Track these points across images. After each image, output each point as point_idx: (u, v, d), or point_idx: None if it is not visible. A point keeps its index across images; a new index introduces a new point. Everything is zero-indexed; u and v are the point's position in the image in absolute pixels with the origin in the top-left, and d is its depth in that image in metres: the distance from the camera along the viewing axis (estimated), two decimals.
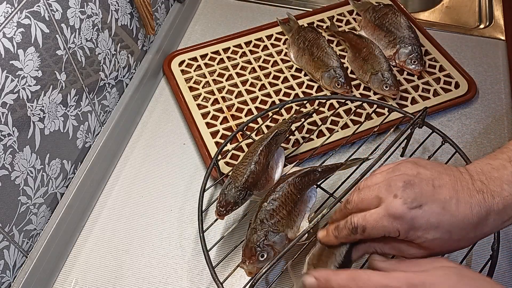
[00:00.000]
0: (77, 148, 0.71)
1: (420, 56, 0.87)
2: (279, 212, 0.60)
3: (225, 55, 0.93)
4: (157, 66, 0.90)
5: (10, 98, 0.55)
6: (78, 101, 0.69)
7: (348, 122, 0.81)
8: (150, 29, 0.84)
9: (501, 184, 0.47)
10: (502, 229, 0.49)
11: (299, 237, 0.56)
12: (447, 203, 0.47)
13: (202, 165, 0.79)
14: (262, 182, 0.65)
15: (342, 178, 0.71)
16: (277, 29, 0.98)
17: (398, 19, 0.92)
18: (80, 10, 0.66)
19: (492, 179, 0.48)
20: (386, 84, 0.82)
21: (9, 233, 0.59)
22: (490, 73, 0.90)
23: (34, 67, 0.59)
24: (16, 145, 0.57)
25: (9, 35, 0.54)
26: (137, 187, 0.77)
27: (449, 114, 0.84)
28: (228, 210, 0.61)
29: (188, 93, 0.87)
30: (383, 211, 0.48)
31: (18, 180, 0.59)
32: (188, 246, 0.70)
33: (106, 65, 0.75)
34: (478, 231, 0.48)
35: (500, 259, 0.63)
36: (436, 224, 0.47)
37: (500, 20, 0.99)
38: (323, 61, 0.86)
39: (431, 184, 0.48)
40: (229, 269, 0.62)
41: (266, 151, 0.66)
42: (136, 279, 0.67)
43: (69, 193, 0.69)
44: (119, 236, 0.71)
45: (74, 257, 0.70)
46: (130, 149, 0.82)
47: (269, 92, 0.87)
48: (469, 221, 0.47)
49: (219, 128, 0.81)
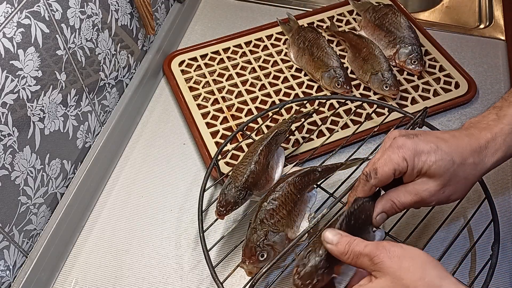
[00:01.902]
0: (77, 148, 0.71)
1: (420, 56, 0.87)
2: (279, 212, 0.60)
3: (225, 55, 0.93)
4: (157, 66, 0.90)
5: (10, 98, 0.55)
6: (78, 101, 0.69)
7: (348, 122, 0.81)
8: (150, 29, 0.84)
9: (487, 122, 0.55)
10: (498, 165, 0.55)
11: (299, 237, 0.56)
12: (440, 135, 0.54)
13: (202, 165, 0.79)
14: (262, 182, 0.65)
15: (342, 178, 0.71)
16: (277, 29, 0.98)
17: (398, 19, 0.92)
18: (80, 10, 0.66)
19: (479, 122, 0.56)
20: (386, 84, 0.82)
21: (9, 233, 0.59)
22: (490, 73, 0.90)
23: (34, 67, 0.59)
24: (16, 145, 0.57)
25: (9, 35, 0.54)
26: (137, 187, 0.77)
27: (449, 114, 0.84)
28: (228, 210, 0.61)
29: (188, 93, 0.87)
30: (388, 148, 0.53)
31: (18, 180, 0.59)
32: (188, 246, 0.70)
33: (106, 65, 0.75)
34: (476, 157, 0.53)
35: (500, 259, 0.63)
36: (435, 147, 0.52)
37: (500, 20, 0.99)
38: (323, 61, 0.86)
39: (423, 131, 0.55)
40: (229, 269, 0.62)
41: (266, 151, 0.66)
42: (136, 279, 0.67)
43: (69, 193, 0.69)
44: (119, 236, 0.71)
45: (74, 257, 0.70)
46: (130, 149, 0.82)
47: (269, 92, 0.87)
48: (464, 146, 0.53)
49: (219, 128, 0.81)
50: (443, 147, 0.52)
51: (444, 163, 0.52)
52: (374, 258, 0.45)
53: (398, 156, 0.52)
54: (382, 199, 0.56)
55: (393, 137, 0.54)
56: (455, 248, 0.65)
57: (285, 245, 0.59)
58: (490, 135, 0.54)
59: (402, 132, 0.55)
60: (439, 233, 0.65)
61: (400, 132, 0.55)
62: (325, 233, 0.49)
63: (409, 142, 0.53)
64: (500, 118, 0.55)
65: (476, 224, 0.69)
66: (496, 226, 0.63)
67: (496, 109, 0.56)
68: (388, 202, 0.55)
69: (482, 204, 0.66)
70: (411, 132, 0.54)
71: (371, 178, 0.54)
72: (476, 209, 0.67)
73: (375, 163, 0.54)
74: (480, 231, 0.65)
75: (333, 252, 0.49)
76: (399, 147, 0.53)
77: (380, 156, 0.54)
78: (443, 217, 0.66)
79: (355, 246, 0.47)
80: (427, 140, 0.53)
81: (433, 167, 0.52)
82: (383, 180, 0.54)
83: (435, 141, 0.53)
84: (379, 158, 0.54)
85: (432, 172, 0.52)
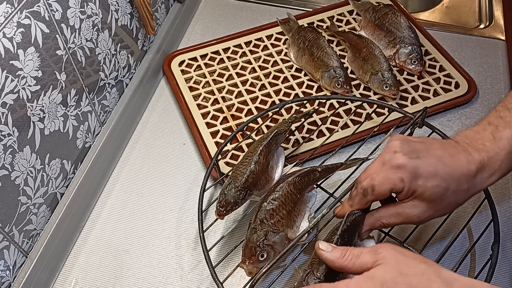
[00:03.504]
0: (77, 148, 0.71)
1: (420, 56, 0.87)
2: (279, 212, 0.60)
3: (225, 55, 0.93)
4: (157, 66, 0.90)
5: (10, 98, 0.55)
6: (78, 101, 0.69)
7: (348, 122, 0.81)
8: (150, 29, 0.84)
9: (483, 142, 0.55)
10: (491, 185, 0.55)
11: (299, 237, 0.56)
12: (441, 156, 0.53)
13: (202, 165, 0.79)
14: (262, 182, 0.65)
15: (342, 178, 0.71)
16: (277, 29, 0.98)
17: (398, 19, 0.92)
18: (80, 10, 0.66)
19: (475, 139, 0.55)
20: (386, 84, 0.82)
21: (9, 233, 0.59)
22: (490, 73, 0.90)
23: (34, 67, 0.59)
24: (16, 145, 0.57)
25: (9, 35, 0.54)
26: (137, 187, 0.77)
27: (449, 114, 0.84)
28: (228, 210, 0.61)
29: (188, 93, 0.87)
30: (387, 166, 0.54)
31: (18, 180, 0.59)
32: (188, 246, 0.70)
33: (106, 65, 0.75)
34: (471, 183, 0.54)
35: (500, 259, 0.63)
36: (434, 172, 0.52)
37: (500, 20, 0.99)
38: (323, 61, 0.86)
39: (423, 143, 0.55)
40: (229, 269, 0.62)
41: (266, 151, 0.66)
42: (136, 279, 0.67)
43: (69, 193, 0.69)
44: (119, 236, 0.71)
45: (74, 257, 0.70)
46: (130, 149, 0.82)
47: (269, 92, 0.87)
48: (461, 172, 0.53)
49: (219, 128, 0.81)
50: (441, 172, 0.52)
51: (439, 190, 0.53)
52: (378, 249, 0.47)
53: (397, 177, 0.53)
54: (372, 217, 0.58)
55: (393, 151, 0.54)
56: (455, 248, 0.65)
57: (285, 245, 0.59)
58: (486, 158, 0.54)
59: (405, 148, 0.54)
60: (439, 233, 0.65)
61: (402, 146, 0.54)
62: (319, 243, 0.51)
63: (410, 164, 0.53)
64: (496, 140, 0.55)
65: (476, 224, 0.69)
66: (496, 226, 0.63)
67: (492, 126, 0.56)
68: (378, 222, 0.57)
69: (482, 204, 0.66)
70: (413, 149, 0.54)
71: (368, 194, 0.55)
72: (476, 209, 0.67)
73: (374, 179, 0.54)
74: (480, 231, 0.65)
75: (329, 258, 0.49)
76: (399, 167, 0.53)
77: (377, 170, 0.55)
78: (443, 217, 0.66)
79: (353, 249, 0.49)
80: (427, 163, 0.53)
81: (427, 193, 0.53)
82: (379, 197, 0.56)
83: (435, 164, 0.53)
84: (377, 173, 0.54)
85: (426, 197, 0.53)
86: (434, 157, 0.53)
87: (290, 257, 0.65)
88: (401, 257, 0.46)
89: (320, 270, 0.51)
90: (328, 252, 0.50)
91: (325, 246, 0.50)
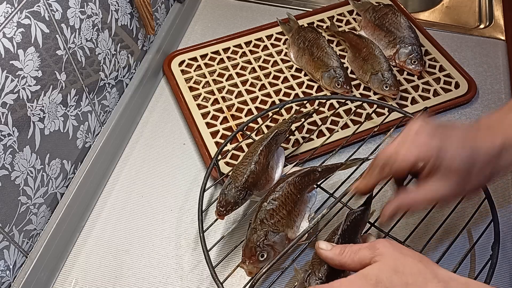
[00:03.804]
0: (77, 148, 0.71)
1: (420, 56, 0.87)
2: (279, 212, 0.60)
3: (225, 55, 0.93)
4: (157, 66, 0.90)
5: (10, 98, 0.55)
6: (78, 101, 0.69)
7: (348, 122, 0.81)
8: (150, 29, 0.84)
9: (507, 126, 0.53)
10: None
11: (299, 237, 0.56)
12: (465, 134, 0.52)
13: (202, 165, 0.79)
14: (262, 182, 0.65)
15: (342, 178, 0.71)
16: (277, 29, 0.98)
17: (398, 19, 0.92)
18: (80, 10, 0.66)
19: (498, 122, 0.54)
20: (386, 84, 0.82)
21: (9, 233, 0.59)
22: (490, 73, 0.90)
23: (34, 67, 0.59)
24: (16, 145, 0.57)
25: (9, 35, 0.54)
26: (137, 187, 0.77)
27: (449, 114, 0.84)
28: (228, 210, 0.61)
29: (188, 93, 0.87)
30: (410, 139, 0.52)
31: (18, 180, 0.59)
32: (188, 246, 0.70)
33: (106, 65, 0.75)
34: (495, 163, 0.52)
35: (500, 259, 0.63)
36: (461, 145, 0.51)
37: (500, 20, 0.99)
38: (323, 61, 0.86)
39: (445, 124, 0.54)
40: (229, 269, 0.62)
41: (266, 151, 0.66)
42: (136, 279, 0.67)
43: (69, 193, 0.69)
44: (119, 236, 0.71)
45: (74, 257, 0.70)
46: (130, 149, 0.82)
47: (269, 92, 0.87)
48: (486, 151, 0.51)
49: (219, 128, 0.81)
50: (467, 145, 0.51)
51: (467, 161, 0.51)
52: (376, 245, 0.47)
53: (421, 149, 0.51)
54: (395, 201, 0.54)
55: (415, 129, 0.53)
56: (455, 248, 0.65)
57: (285, 245, 0.59)
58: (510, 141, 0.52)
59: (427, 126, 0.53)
60: (439, 233, 0.65)
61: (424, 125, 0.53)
62: (318, 243, 0.51)
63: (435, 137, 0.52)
64: None
65: (476, 224, 0.69)
66: (496, 226, 0.63)
67: None
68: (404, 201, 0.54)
69: (482, 204, 0.66)
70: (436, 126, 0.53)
71: (388, 165, 0.53)
72: (476, 209, 0.67)
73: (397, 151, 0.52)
74: (480, 231, 0.65)
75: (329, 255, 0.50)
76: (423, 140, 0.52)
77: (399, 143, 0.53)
78: (443, 217, 0.66)
79: (352, 245, 0.49)
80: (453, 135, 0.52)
81: (455, 164, 0.51)
82: (399, 171, 0.53)
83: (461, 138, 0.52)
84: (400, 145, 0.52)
85: (453, 169, 0.51)
86: (459, 133, 0.52)
87: (290, 257, 0.65)
88: (398, 255, 0.46)
89: (321, 270, 0.52)
90: (327, 251, 0.50)
91: (325, 245, 0.50)
